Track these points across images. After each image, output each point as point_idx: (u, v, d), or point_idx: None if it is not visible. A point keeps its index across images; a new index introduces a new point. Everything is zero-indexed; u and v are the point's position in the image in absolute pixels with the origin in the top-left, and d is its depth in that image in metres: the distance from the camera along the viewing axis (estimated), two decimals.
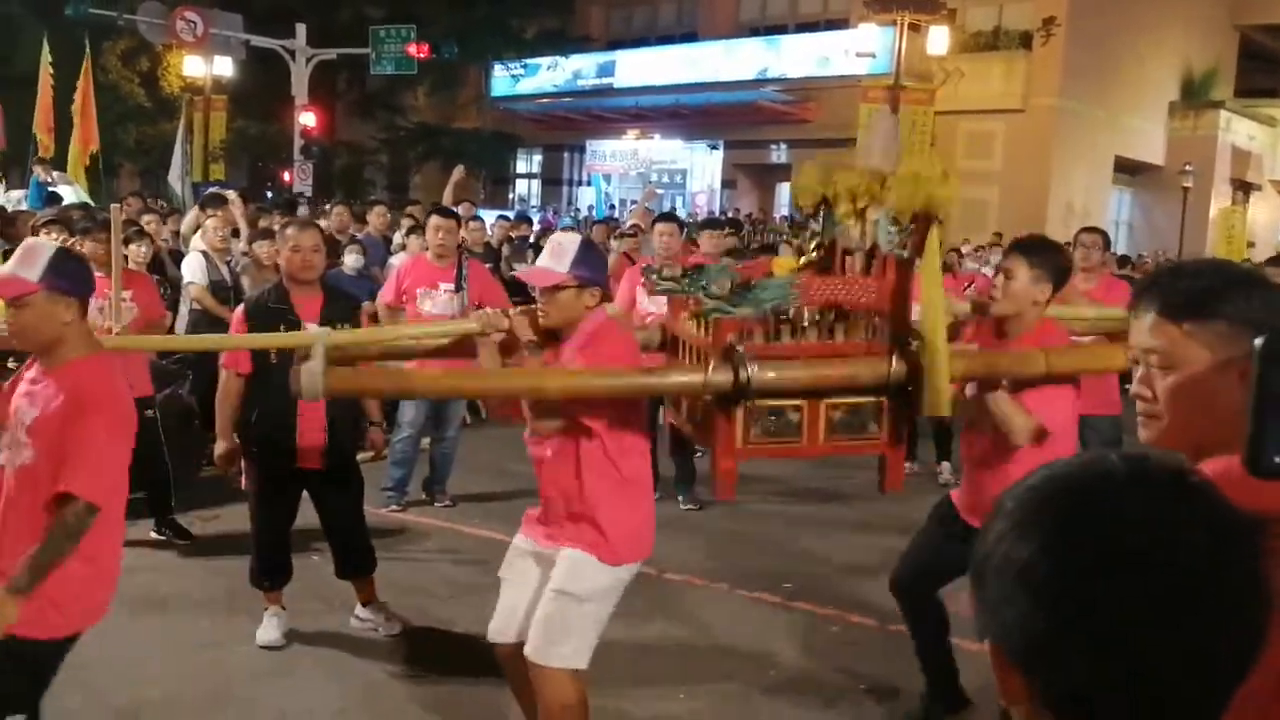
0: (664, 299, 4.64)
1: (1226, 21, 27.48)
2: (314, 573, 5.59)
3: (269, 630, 4.94)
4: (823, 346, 3.47)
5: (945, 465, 8.41)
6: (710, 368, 3.32)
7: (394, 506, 7.06)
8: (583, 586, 3.45)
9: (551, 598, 3.46)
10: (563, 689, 3.43)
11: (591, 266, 3.52)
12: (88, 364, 3.10)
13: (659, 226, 7.51)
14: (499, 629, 3.71)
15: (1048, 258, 3.85)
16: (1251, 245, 23.46)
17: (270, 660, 4.77)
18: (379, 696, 4.58)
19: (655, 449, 4.98)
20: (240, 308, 5.04)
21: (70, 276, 3.09)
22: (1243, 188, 26.74)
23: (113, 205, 6.25)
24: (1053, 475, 0.96)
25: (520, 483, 8.02)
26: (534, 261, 9.37)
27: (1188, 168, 23.73)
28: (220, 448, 4.96)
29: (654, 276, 3.57)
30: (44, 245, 3.19)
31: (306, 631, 5.11)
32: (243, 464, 4.98)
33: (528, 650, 3.46)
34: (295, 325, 4.66)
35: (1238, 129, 26.22)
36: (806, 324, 3.54)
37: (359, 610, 5.15)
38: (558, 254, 3.48)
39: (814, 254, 3.91)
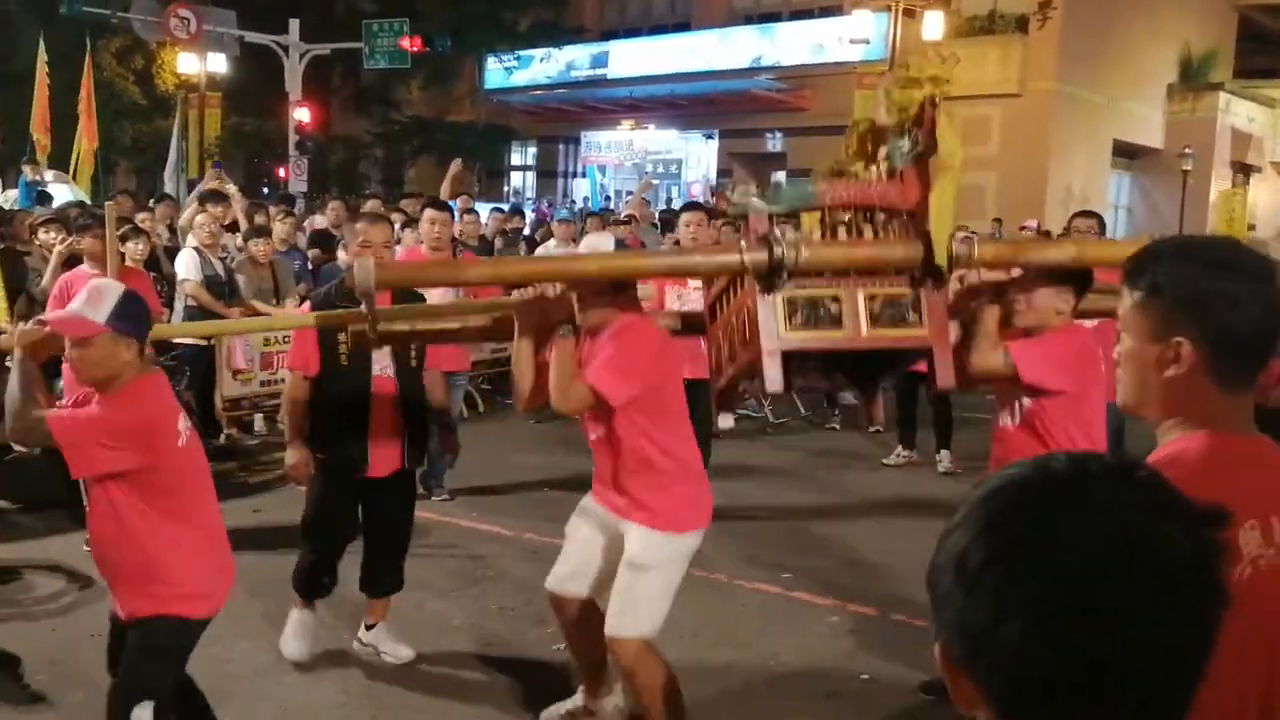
0: (693, 296, 4.77)
1: (1225, 2, 27.39)
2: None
3: (297, 642, 4.72)
4: (851, 241, 3.47)
5: (944, 454, 8.37)
6: (746, 247, 3.34)
7: None
8: (647, 556, 3.73)
9: (623, 571, 3.77)
10: (639, 655, 3.74)
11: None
12: (140, 384, 3.28)
13: (685, 216, 6.97)
14: (559, 581, 4.06)
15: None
16: (1252, 228, 23.43)
17: (272, 656, 4.75)
18: (380, 691, 4.56)
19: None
20: (305, 305, 4.79)
21: (134, 319, 3.26)
22: (1243, 170, 26.67)
23: (107, 203, 6.24)
24: (1000, 474, 0.96)
25: (518, 475, 8.05)
26: (527, 253, 9.34)
27: (1187, 151, 23.65)
28: (292, 455, 4.60)
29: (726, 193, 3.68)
30: (112, 288, 3.32)
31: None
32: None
33: (607, 626, 3.78)
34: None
35: (1237, 111, 26.14)
36: (835, 226, 3.53)
37: (364, 634, 4.85)
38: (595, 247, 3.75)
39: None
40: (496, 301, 4.13)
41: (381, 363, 4.57)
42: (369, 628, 4.85)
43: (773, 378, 3.30)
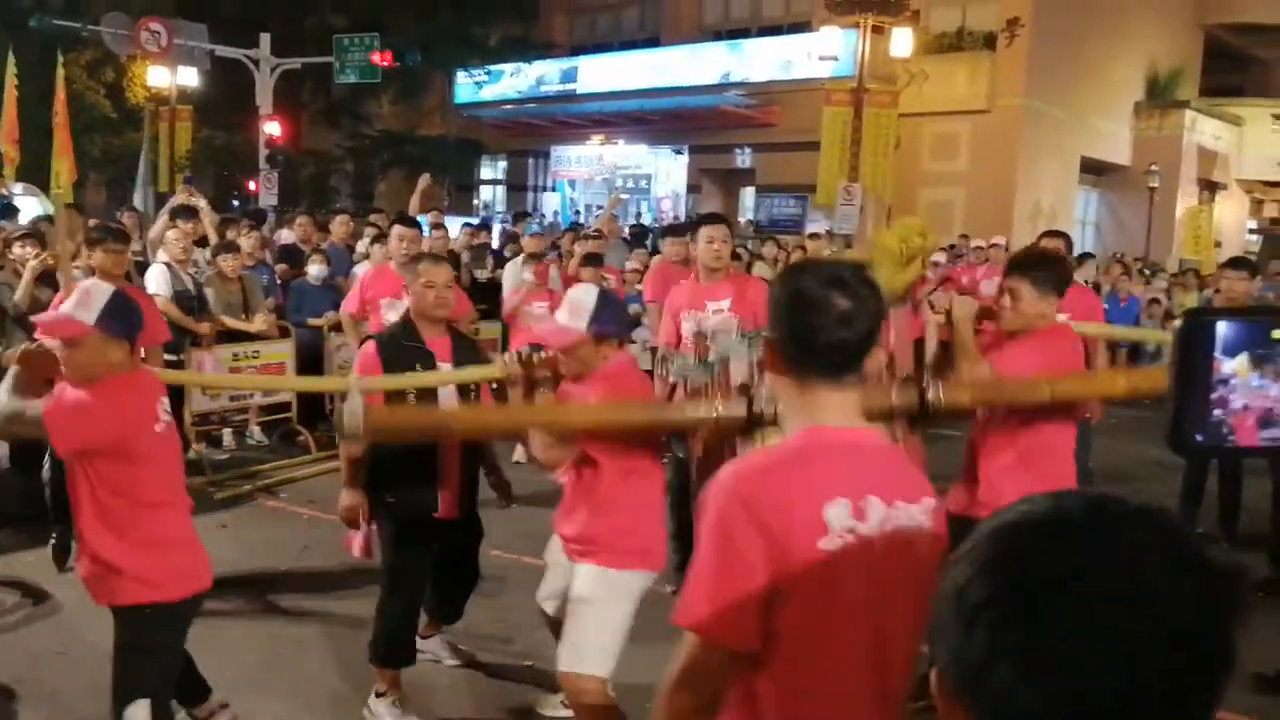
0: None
1: (1192, 21, 27.73)
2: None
3: None
4: None
5: None
6: (721, 403, 3.41)
7: None
8: (590, 592, 3.74)
9: (570, 609, 3.82)
10: (583, 692, 3.70)
11: (607, 320, 3.73)
12: (124, 379, 3.36)
13: (706, 230, 6.02)
14: (541, 599, 4.22)
15: (1049, 273, 4.07)
16: (1218, 245, 23.71)
17: (245, 671, 4.71)
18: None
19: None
20: (370, 344, 4.51)
21: (123, 318, 3.33)
22: (1209, 187, 26.97)
23: (43, 220, 6.18)
24: (1013, 508, 0.95)
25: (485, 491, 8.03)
26: (495, 268, 9.36)
27: (1154, 168, 23.90)
28: (349, 498, 4.41)
29: (663, 356, 3.72)
30: (101, 288, 3.37)
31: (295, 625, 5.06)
32: (362, 520, 4.48)
33: (557, 662, 3.81)
34: (430, 364, 4.37)
35: (1203, 129, 26.45)
36: None
37: (421, 643, 4.78)
38: (576, 312, 3.67)
39: None
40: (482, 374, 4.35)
41: (447, 402, 4.46)
42: (424, 638, 4.84)
43: None
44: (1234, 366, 1.35)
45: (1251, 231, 27.92)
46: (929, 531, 1.97)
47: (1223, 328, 1.39)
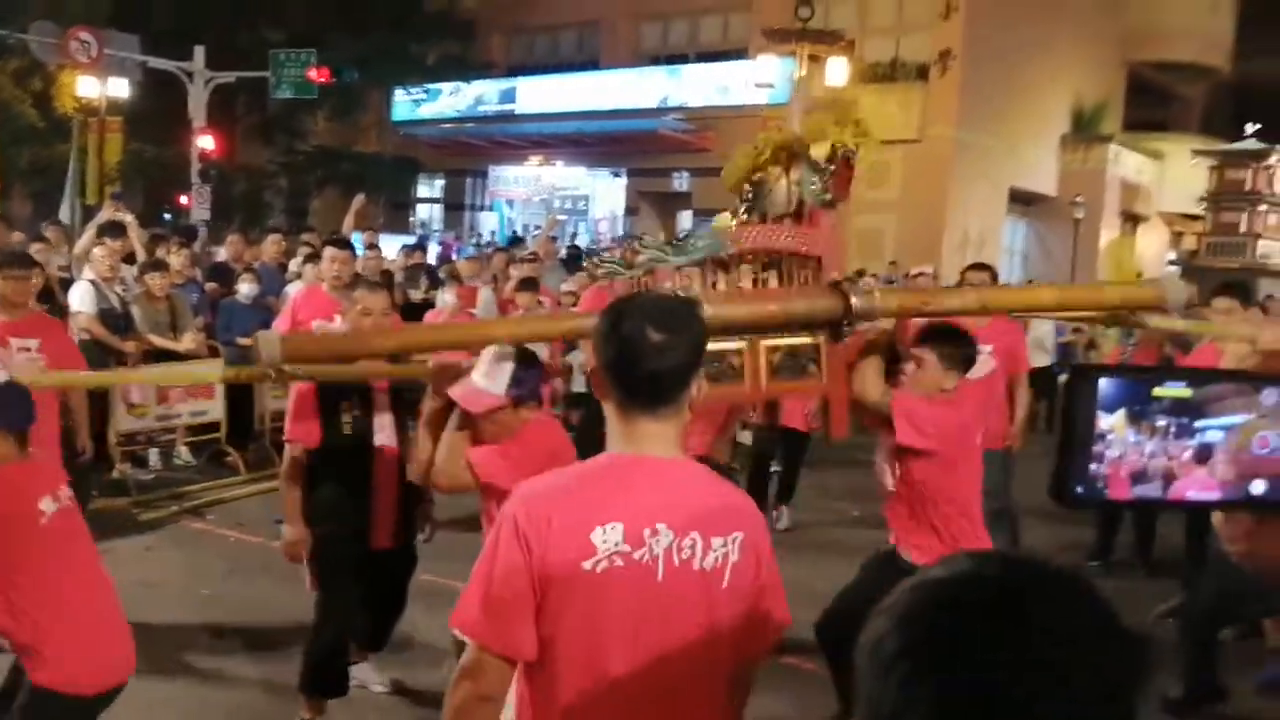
0: None
1: (1116, 57, 28.43)
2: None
3: None
4: (756, 292, 3.49)
5: (784, 510, 8.28)
6: None
7: None
8: None
9: None
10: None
11: (527, 382, 3.58)
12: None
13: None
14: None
15: (956, 351, 4.14)
16: (1139, 275, 24.31)
17: (169, 696, 4.66)
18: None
19: None
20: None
21: (9, 410, 3.10)
22: (1131, 219, 27.65)
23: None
24: (939, 565, 0.98)
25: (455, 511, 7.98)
26: (429, 288, 9.34)
27: (1078, 199, 24.45)
28: (293, 533, 4.38)
29: (595, 260, 3.58)
30: None
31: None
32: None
33: None
34: (367, 395, 4.33)
35: (1126, 162, 27.12)
36: (740, 274, 3.56)
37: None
38: (493, 374, 3.50)
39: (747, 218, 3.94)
40: (411, 369, 4.00)
41: (384, 432, 4.42)
42: (351, 664, 4.73)
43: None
44: (1111, 422, 1.42)
45: (1171, 263, 28.65)
46: (737, 564, 2.03)
47: (1105, 384, 1.46)
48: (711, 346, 3.35)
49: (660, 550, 1.96)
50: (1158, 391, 1.52)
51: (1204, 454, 1.55)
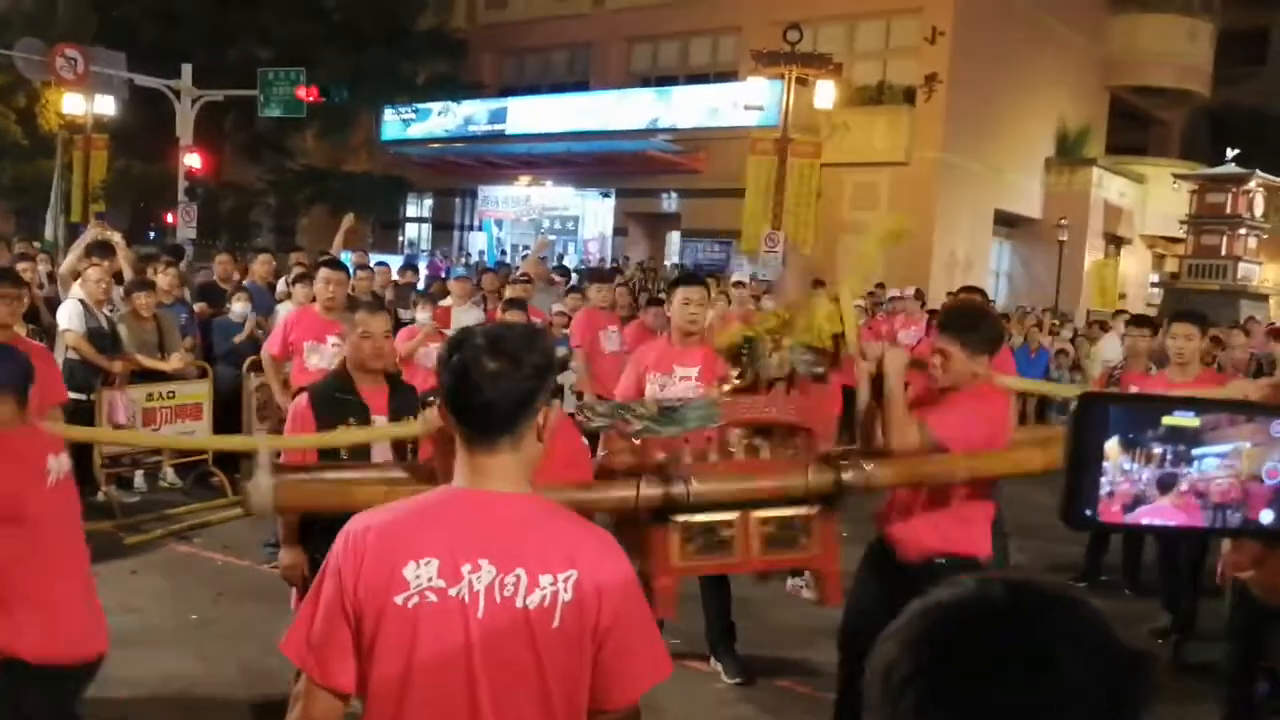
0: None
1: (1099, 82, 28.73)
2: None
3: None
4: (749, 464, 3.51)
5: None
6: (642, 483, 3.32)
7: (276, 564, 6.83)
8: None
9: None
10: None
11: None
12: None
13: (682, 292, 5.61)
14: None
15: (980, 333, 4.00)
16: (1123, 296, 24.47)
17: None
18: None
19: None
20: (303, 397, 4.41)
21: (9, 368, 3.11)
22: (1114, 241, 27.86)
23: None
24: (942, 590, 0.99)
25: None
26: (418, 307, 9.28)
27: (1063, 222, 24.63)
28: (289, 557, 4.33)
29: (587, 413, 3.61)
30: None
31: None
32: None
33: None
34: (365, 418, 4.30)
35: (1109, 185, 27.35)
36: (733, 444, 3.60)
37: None
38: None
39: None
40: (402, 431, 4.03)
41: (381, 456, 4.36)
42: None
43: (663, 605, 3.39)
44: (1105, 448, 1.43)
45: (1153, 284, 28.90)
46: (569, 604, 1.94)
47: (1114, 412, 1.47)
48: (703, 518, 3.38)
49: (481, 587, 1.91)
50: (1167, 421, 1.53)
51: (1201, 481, 1.56)
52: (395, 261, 16.19)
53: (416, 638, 1.92)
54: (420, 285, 13.97)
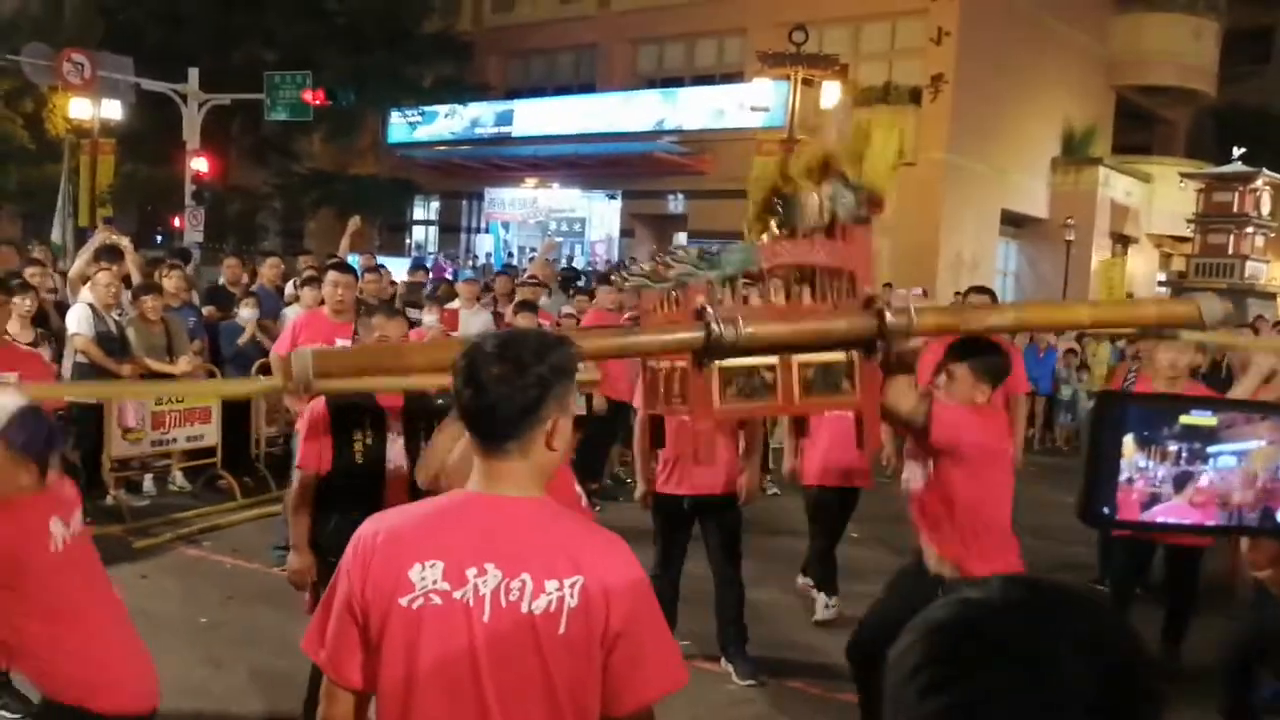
0: None
1: (1104, 82, 28.68)
2: None
3: None
4: (790, 308, 3.45)
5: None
6: (684, 328, 3.26)
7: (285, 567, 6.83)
8: None
9: None
10: None
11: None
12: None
13: None
14: None
15: (988, 364, 4.14)
16: (1130, 296, 24.40)
17: None
18: None
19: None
20: (319, 401, 4.33)
21: (34, 434, 3.01)
22: (1121, 240, 27.81)
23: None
24: (969, 586, 1.03)
25: None
26: (425, 310, 9.29)
27: (1070, 221, 24.58)
28: (300, 560, 4.33)
29: (624, 274, 3.51)
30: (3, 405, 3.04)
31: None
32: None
33: None
34: (380, 420, 4.30)
35: (1115, 184, 27.30)
36: (773, 289, 3.54)
37: None
38: None
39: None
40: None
41: (396, 459, 4.36)
42: None
43: (705, 450, 3.34)
44: (1123, 447, 1.43)
45: (1160, 284, 28.82)
46: (575, 610, 1.94)
47: (1133, 411, 1.47)
48: (743, 362, 3.32)
49: (487, 591, 1.93)
50: (1185, 420, 1.53)
51: (1218, 479, 1.56)
52: (398, 264, 16.20)
53: (421, 639, 1.95)
54: (427, 289, 13.98)
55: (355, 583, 1.99)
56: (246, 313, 9.36)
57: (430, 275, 15.60)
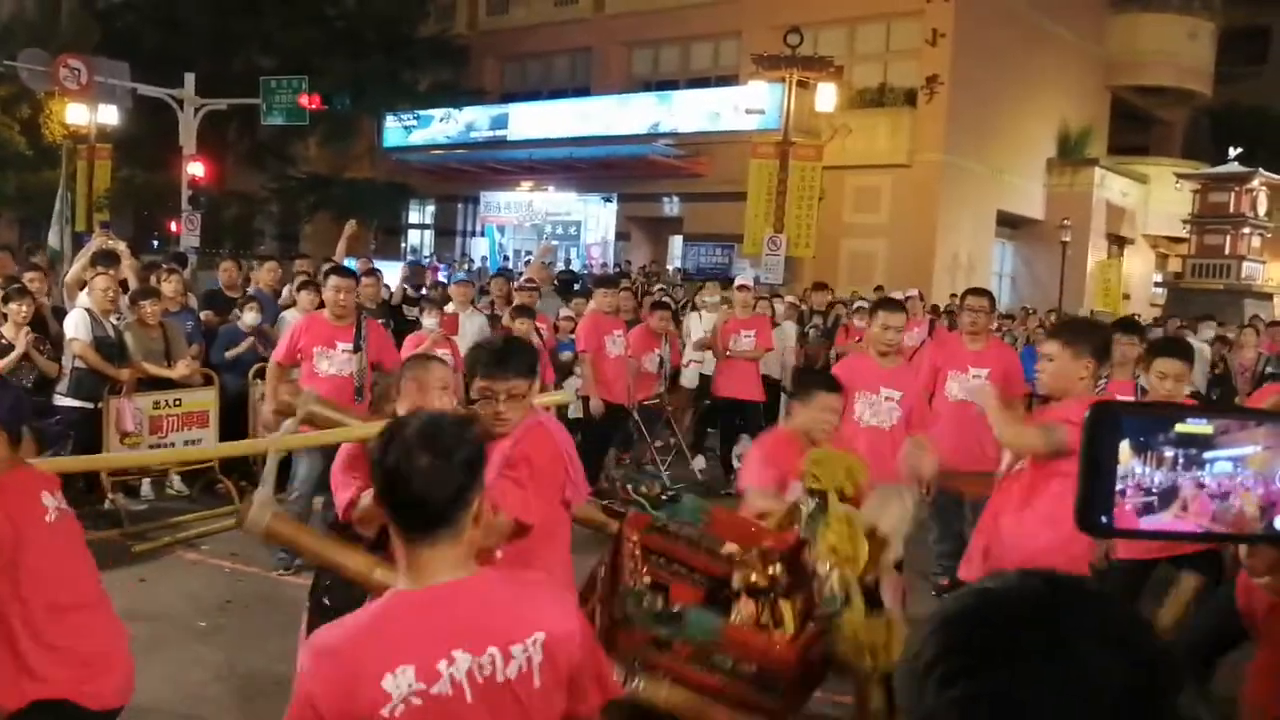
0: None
1: (1099, 82, 28.73)
2: None
3: None
4: (711, 682, 3.34)
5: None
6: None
7: (284, 570, 6.85)
8: None
9: None
10: None
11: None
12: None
13: (884, 316, 6.09)
14: None
15: (1086, 336, 4.25)
16: (1127, 297, 24.46)
17: None
18: None
19: None
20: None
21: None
22: (1117, 241, 27.85)
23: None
24: (978, 583, 1.05)
25: None
26: (424, 313, 9.29)
27: (1066, 222, 24.60)
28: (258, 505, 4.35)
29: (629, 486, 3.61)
30: None
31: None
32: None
33: None
34: None
35: (1111, 185, 27.34)
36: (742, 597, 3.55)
37: None
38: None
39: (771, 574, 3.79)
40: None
41: None
42: None
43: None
44: (1120, 455, 1.44)
45: (1157, 284, 28.89)
46: (543, 663, 2.05)
47: (1126, 419, 1.48)
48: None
49: (462, 675, 1.99)
50: (1180, 428, 1.53)
51: (1214, 486, 1.56)
52: (393, 267, 16.21)
53: None
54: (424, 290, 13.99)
55: (327, 714, 1.96)
56: (250, 317, 9.35)
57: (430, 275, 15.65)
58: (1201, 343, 11.63)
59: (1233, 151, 24.28)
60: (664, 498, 3.62)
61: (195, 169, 20.78)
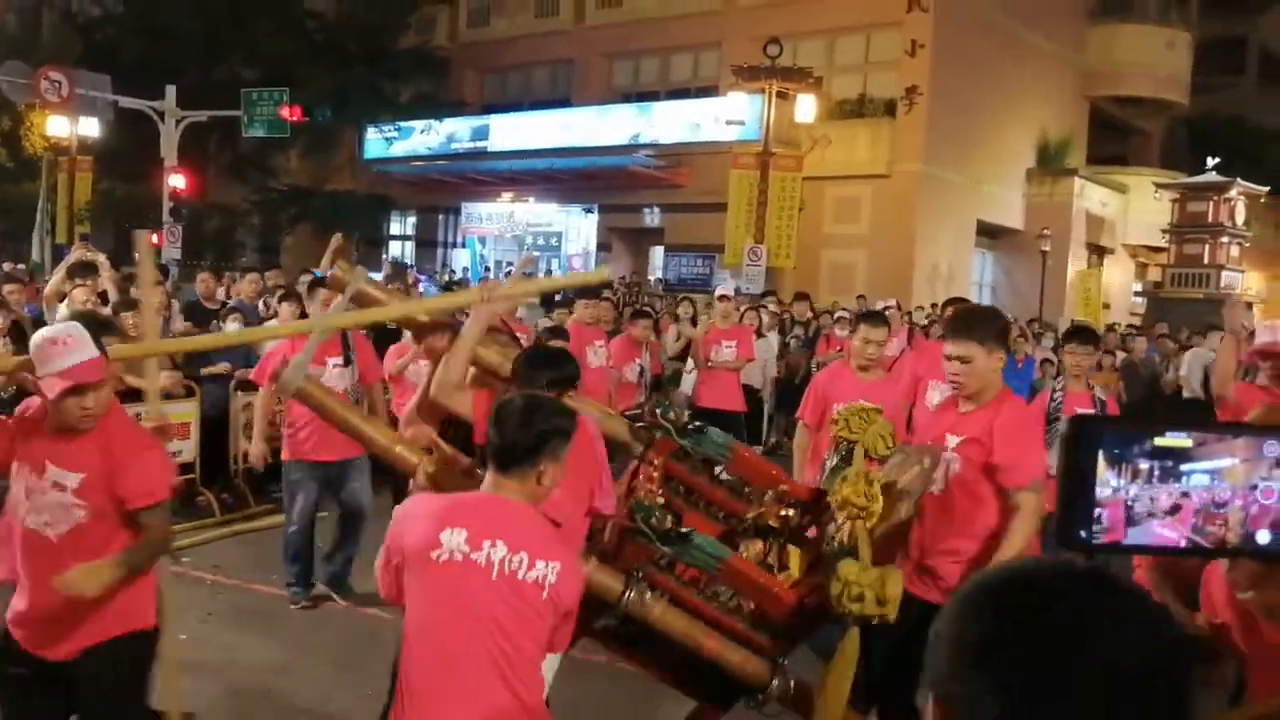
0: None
1: (1078, 92, 28.89)
2: None
3: None
4: (710, 609, 3.48)
5: None
6: (601, 570, 3.41)
7: (303, 603, 6.72)
8: None
9: None
10: None
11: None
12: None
13: (865, 330, 6.14)
14: None
15: (994, 331, 4.15)
16: (1106, 306, 24.56)
17: None
18: None
19: None
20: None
21: None
22: (1097, 251, 27.96)
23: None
24: (1007, 567, 1.11)
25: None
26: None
27: (1045, 232, 24.67)
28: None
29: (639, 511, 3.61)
30: None
31: None
32: None
33: None
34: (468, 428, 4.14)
35: (1091, 195, 27.47)
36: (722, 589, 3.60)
37: None
38: None
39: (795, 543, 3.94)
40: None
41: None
42: None
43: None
44: (1099, 470, 1.44)
45: (1137, 294, 29.04)
46: (555, 585, 2.74)
47: (1105, 433, 1.48)
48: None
49: (497, 559, 2.70)
50: (1159, 442, 1.54)
51: (1195, 500, 1.56)
52: (372, 278, 16.15)
53: (441, 584, 2.71)
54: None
55: (396, 538, 2.80)
56: (233, 328, 9.31)
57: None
58: (1209, 351, 11.85)
59: (1210, 161, 24.45)
60: (690, 428, 3.83)
61: (176, 181, 20.72)
